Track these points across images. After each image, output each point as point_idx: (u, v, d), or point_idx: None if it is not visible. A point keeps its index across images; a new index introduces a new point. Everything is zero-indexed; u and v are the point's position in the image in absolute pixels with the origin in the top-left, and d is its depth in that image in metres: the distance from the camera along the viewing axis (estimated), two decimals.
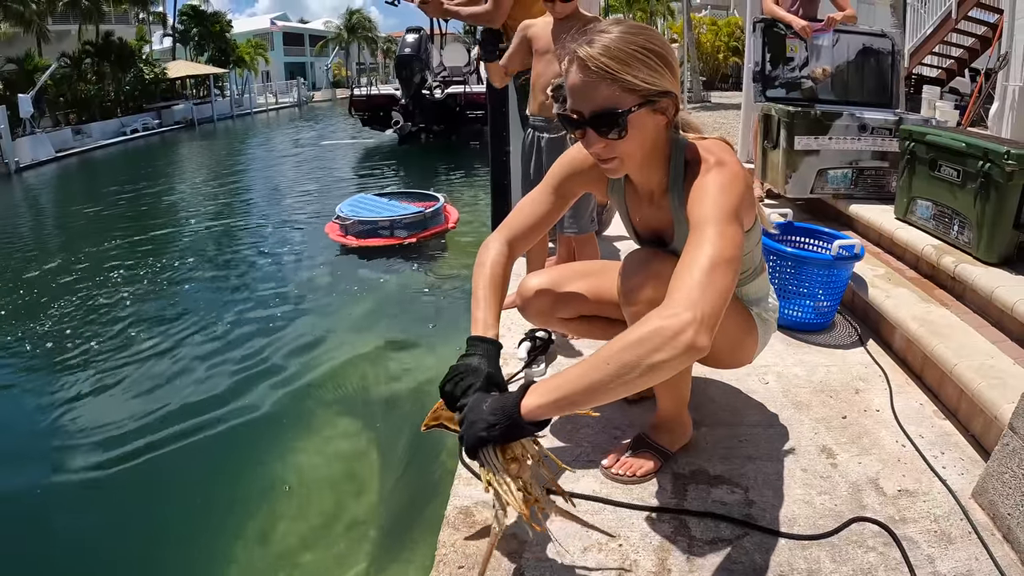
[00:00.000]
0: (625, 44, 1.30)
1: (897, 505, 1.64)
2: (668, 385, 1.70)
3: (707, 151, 1.42)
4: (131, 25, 31.65)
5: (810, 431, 1.96)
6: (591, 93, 1.32)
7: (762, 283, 1.76)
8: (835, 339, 2.65)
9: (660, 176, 1.50)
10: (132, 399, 4.50)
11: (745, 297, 1.72)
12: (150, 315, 6.26)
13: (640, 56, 1.31)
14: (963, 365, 2.10)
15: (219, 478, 3.61)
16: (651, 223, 1.63)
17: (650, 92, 1.32)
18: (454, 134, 18.38)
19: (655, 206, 1.57)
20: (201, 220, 10.85)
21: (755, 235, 1.62)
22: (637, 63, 1.30)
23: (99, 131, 24.11)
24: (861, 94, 4.43)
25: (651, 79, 1.32)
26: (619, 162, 1.40)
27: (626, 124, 1.33)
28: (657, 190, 1.54)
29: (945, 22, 9.96)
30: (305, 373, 4.73)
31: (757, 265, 1.70)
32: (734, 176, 1.36)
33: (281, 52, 49.43)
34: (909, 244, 3.17)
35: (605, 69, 1.29)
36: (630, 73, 1.30)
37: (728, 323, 1.62)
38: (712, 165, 1.38)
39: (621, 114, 1.31)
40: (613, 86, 1.30)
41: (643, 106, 1.33)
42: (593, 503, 1.62)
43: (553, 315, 1.81)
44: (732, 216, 1.30)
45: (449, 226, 8.45)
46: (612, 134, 1.34)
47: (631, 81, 1.30)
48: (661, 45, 1.34)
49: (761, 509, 1.61)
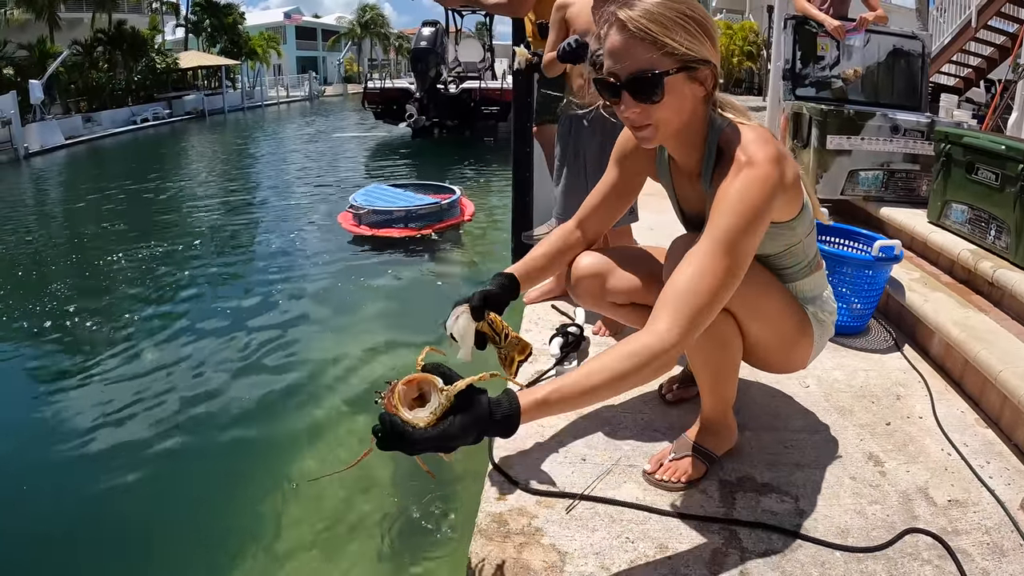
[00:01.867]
0: (666, 8, 1.28)
1: (948, 516, 1.59)
2: (712, 386, 1.64)
3: (743, 143, 1.36)
4: (144, 15, 31.70)
5: (855, 438, 1.89)
6: (629, 55, 1.29)
7: (819, 280, 1.66)
8: (871, 343, 2.59)
9: (697, 156, 1.46)
10: (134, 393, 4.42)
11: (800, 295, 1.63)
12: (154, 306, 6.20)
13: (680, 21, 1.29)
14: (1008, 371, 2.04)
15: (226, 477, 3.54)
16: (693, 205, 1.59)
17: (688, 58, 1.30)
18: (468, 129, 18.32)
19: (693, 188, 1.54)
20: (210, 209, 10.80)
21: (803, 225, 1.51)
22: (677, 27, 1.28)
23: (109, 119, 24.10)
24: (890, 95, 4.36)
25: (690, 44, 1.29)
26: (653, 130, 1.36)
27: (663, 87, 1.30)
28: (694, 171, 1.50)
29: (964, 31, 9.87)
30: (314, 368, 4.65)
31: (811, 259, 1.61)
32: (759, 180, 1.30)
33: (293, 46, 49.48)
34: (944, 248, 3.10)
35: (645, 30, 1.27)
36: (669, 36, 1.28)
37: (782, 322, 1.57)
38: (742, 164, 1.32)
39: (658, 76, 1.29)
40: (651, 48, 1.28)
41: (681, 71, 1.30)
42: (637, 511, 1.55)
43: (603, 299, 1.76)
44: (746, 228, 1.28)
45: (465, 219, 8.35)
46: (648, 98, 1.31)
47: (670, 44, 1.28)
48: (703, 14, 1.32)
49: (813, 519, 1.54)
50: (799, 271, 1.60)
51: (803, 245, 1.56)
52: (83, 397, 4.42)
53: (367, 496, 3.20)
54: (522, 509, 1.56)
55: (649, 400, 2.03)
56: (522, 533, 1.48)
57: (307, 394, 4.30)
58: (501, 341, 1.56)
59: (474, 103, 17.58)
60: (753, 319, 1.54)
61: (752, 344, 1.59)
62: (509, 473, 1.67)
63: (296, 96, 40.46)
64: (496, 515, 1.55)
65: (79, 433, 3.95)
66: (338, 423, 3.94)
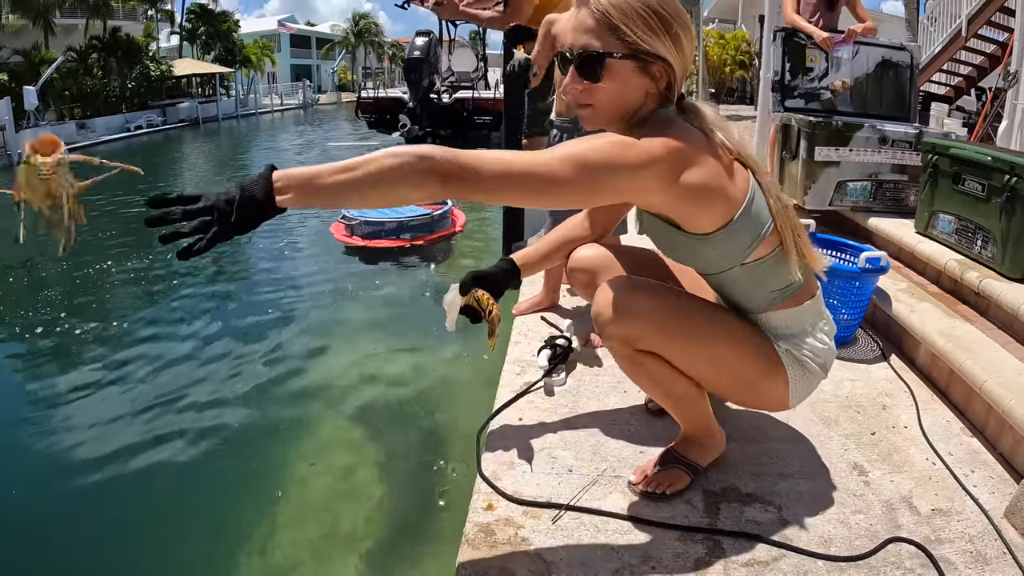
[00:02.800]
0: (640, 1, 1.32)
1: (932, 525, 1.61)
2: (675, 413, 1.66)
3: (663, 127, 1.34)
4: (139, 22, 31.63)
5: (840, 448, 1.91)
6: (583, 32, 1.34)
7: (797, 316, 1.55)
8: (858, 353, 2.61)
9: None
10: (125, 403, 4.39)
11: (769, 328, 1.56)
12: (145, 314, 6.18)
13: (643, 13, 1.32)
14: (993, 381, 2.05)
15: (217, 486, 3.53)
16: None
17: (639, 48, 1.33)
18: (461, 139, 18.30)
19: None
20: None
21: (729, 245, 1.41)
22: (637, 18, 1.32)
23: (103, 126, 24.05)
24: (879, 106, 4.39)
25: (645, 36, 1.32)
26: (592, 110, 1.39)
27: (603, 68, 1.33)
28: None
29: (955, 40, 9.96)
30: (305, 378, 4.65)
31: (779, 291, 1.50)
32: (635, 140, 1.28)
33: (287, 54, 49.52)
34: (931, 258, 3.13)
35: (604, 13, 1.32)
36: (625, 23, 1.31)
37: (734, 361, 1.53)
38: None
39: (600, 55, 1.33)
40: (605, 31, 1.32)
41: (628, 59, 1.33)
42: (622, 521, 1.56)
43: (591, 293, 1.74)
44: (587, 152, 1.24)
45: (456, 230, 8.38)
46: (588, 76, 1.35)
47: (622, 30, 1.31)
48: (672, 12, 1.34)
49: (796, 529, 1.56)
50: (759, 303, 1.53)
51: (749, 272, 1.46)
52: (71, 405, 4.40)
53: (356, 505, 3.20)
54: (509, 519, 1.57)
55: (635, 411, 2.05)
56: (509, 543, 1.49)
57: (298, 402, 4.30)
58: (485, 316, 1.66)
59: (467, 113, 17.59)
60: (687, 360, 1.52)
61: (703, 382, 1.57)
62: (496, 484, 1.68)
63: (290, 104, 40.48)
64: (483, 525, 1.56)
65: (67, 441, 3.93)
66: (330, 430, 3.95)
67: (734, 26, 26.62)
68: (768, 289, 1.50)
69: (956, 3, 9.83)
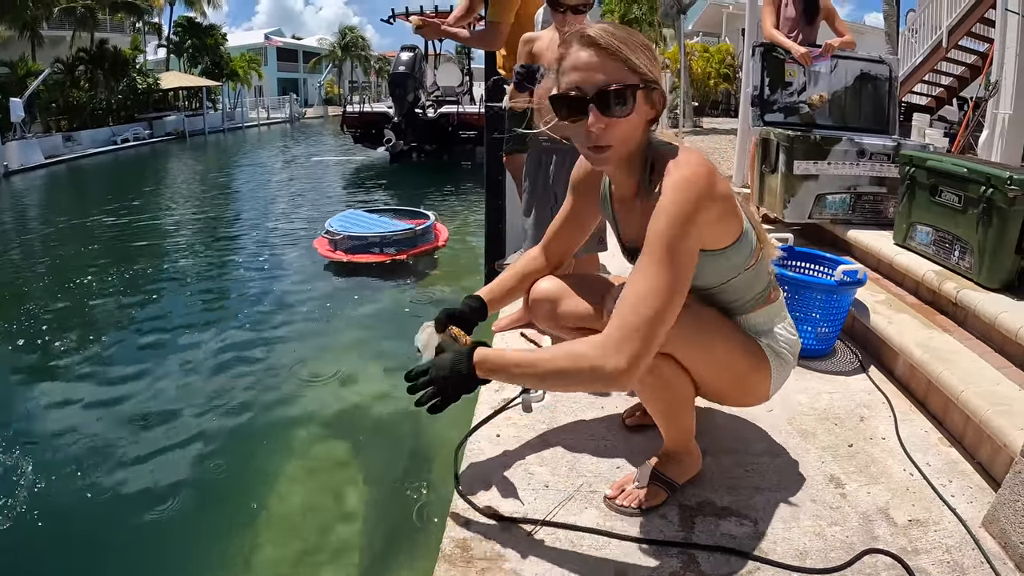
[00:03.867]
0: (626, 33, 1.38)
1: (908, 535, 1.61)
2: (665, 421, 1.66)
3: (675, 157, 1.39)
4: (126, 34, 31.49)
5: (817, 460, 1.91)
6: (600, 68, 1.34)
7: (771, 312, 1.66)
8: (837, 366, 2.62)
9: (636, 178, 1.50)
10: (104, 420, 4.34)
11: (752, 328, 1.64)
12: (128, 331, 6.14)
13: (640, 45, 1.38)
14: (970, 391, 2.08)
15: (200, 503, 3.50)
16: (634, 233, 1.58)
17: (648, 78, 1.37)
18: (446, 154, 18.28)
19: (632, 210, 1.56)
20: (187, 233, 10.73)
21: (739, 255, 1.51)
22: (640, 48, 1.37)
23: (89, 139, 23.92)
24: (858, 119, 4.43)
25: (649, 66, 1.38)
26: (612, 150, 1.39)
27: (633, 100, 1.35)
28: (632, 192, 1.53)
29: (936, 51, 10.09)
30: (285, 394, 4.62)
31: (760, 292, 1.61)
32: (685, 182, 1.34)
33: (274, 67, 49.48)
34: (909, 270, 3.15)
35: (614, 46, 1.34)
36: (634, 55, 1.35)
37: (732, 359, 1.59)
38: (671, 171, 1.36)
39: (629, 88, 1.34)
40: (620, 63, 1.35)
41: (643, 89, 1.37)
42: (598, 536, 1.56)
43: (557, 322, 1.80)
44: (680, 232, 1.31)
45: (439, 244, 8.38)
46: (617, 111, 1.35)
47: (635, 62, 1.35)
48: (650, 45, 1.42)
49: (771, 542, 1.56)
50: (745, 305, 1.61)
51: (745, 278, 1.56)
52: (53, 420, 4.36)
53: (334, 522, 3.19)
54: (485, 535, 1.57)
55: (612, 426, 2.04)
56: (485, 558, 1.49)
57: (277, 418, 4.28)
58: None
59: (452, 127, 17.57)
60: (698, 361, 1.56)
61: (703, 382, 1.62)
62: (473, 500, 1.67)
63: (277, 118, 40.40)
64: (460, 541, 1.55)
65: (43, 457, 3.88)
66: (309, 446, 3.92)
67: (718, 39, 26.88)
68: (756, 291, 1.60)
69: (937, 15, 9.99)
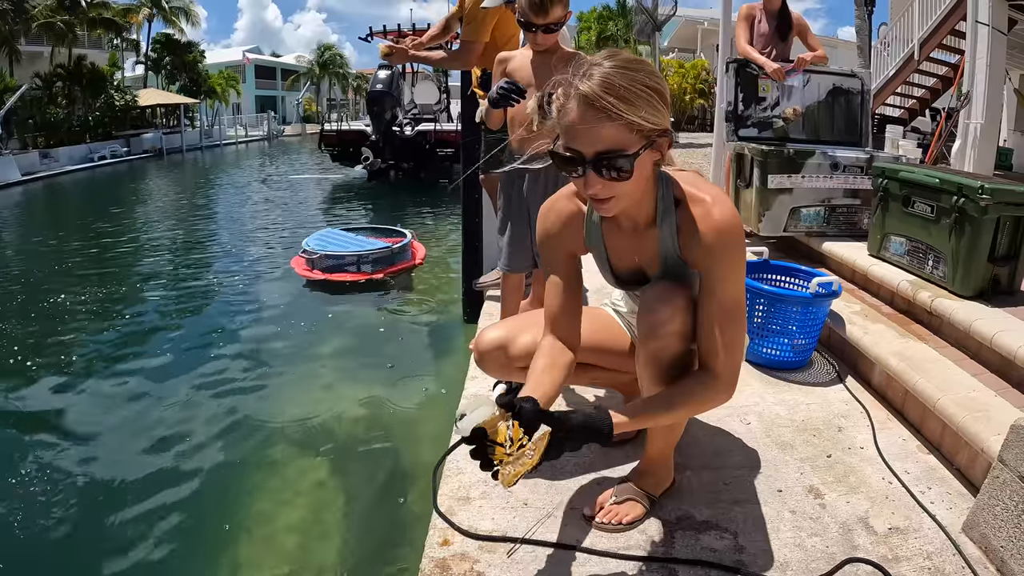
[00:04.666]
0: (629, 82, 1.23)
1: (889, 544, 1.61)
2: (668, 430, 1.65)
3: (693, 184, 1.42)
4: (104, 50, 31.23)
5: (796, 471, 1.92)
6: (595, 133, 1.24)
7: None
8: (814, 377, 2.64)
9: (648, 209, 1.46)
10: (79, 440, 4.27)
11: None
12: (103, 350, 6.05)
13: (644, 95, 1.25)
14: (946, 399, 2.09)
15: (178, 523, 3.44)
16: (633, 259, 1.57)
17: (653, 132, 1.28)
18: (423, 171, 18.24)
19: (639, 238, 1.52)
20: (164, 253, 10.62)
21: None
22: (642, 102, 1.24)
23: (66, 156, 23.62)
24: (831, 133, 4.48)
25: (654, 119, 1.26)
26: (616, 201, 1.33)
27: (632, 167, 1.27)
28: (643, 223, 1.49)
29: (908, 63, 10.27)
30: (263, 414, 4.54)
31: None
32: (735, 222, 1.39)
33: (253, 85, 49.35)
34: (884, 280, 3.18)
35: (612, 108, 1.22)
36: (636, 114, 1.23)
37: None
38: (711, 204, 1.38)
39: (628, 157, 1.26)
40: (619, 126, 1.24)
41: (647, 148, 1.28)
42: (578, 553, 1.54)
43: (511, 367, 1.74)
44: (741, 263, 1.42)
45: (416, 262, 8.36)
46: (616, 177, 1.27)
47: (637, 122, 1.24)
48: (660, 81, 1.29)
49: (752, 555, 1.55)
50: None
51: None
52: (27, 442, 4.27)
53: (311, 542, 3.14)
54: (464, 554, 1.55)
55: None
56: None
57: (255, 438, 4.21)
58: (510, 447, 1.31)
59: (429, 145, 17.52)
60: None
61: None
62: (452, 519, 1.65)
63: (255, 136, 40.21)
64: (439, 560, 1.53)
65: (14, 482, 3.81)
66: (286, 466, 3.87)
67: (693, 55, 27.19)
68: None
69: (908, 28, 10.17)
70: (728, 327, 1.40)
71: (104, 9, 28.68)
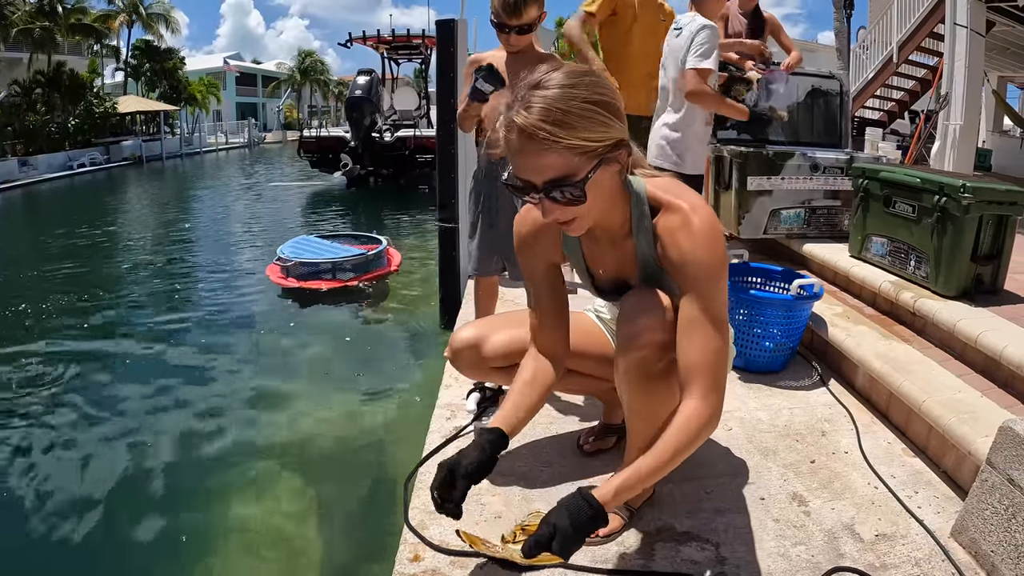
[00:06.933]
0: (566, 103, 1.17)
1: (876, 551, 1.58)
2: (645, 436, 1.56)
3: (669, 191, 1.37)
4: (84, 57, 30.90)
5: (779, 478, 1.87)
6: (539, 163, 1.20)
7: None
8: (796, 380, 2.60)
9: (622, 219, 1.40)
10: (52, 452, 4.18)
11: None
12: (75, 359, 5.93)
13: (588, 113, 1.19)
14: (932, 401, 2.06)
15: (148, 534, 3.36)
16: (612, 269, 1.53)
17: (603, 150, 1.22)
18: (403, 178, 18.11)
19: (616, 248, 1.47)
20: (141, 261, 10.47)
21: None
22: (585, 122, 1.18)
23: (45, 164, 23.30)
24: (811, 134, 4.46)
25: (602, 135, 1.21)
26: (580, 221, 1.29)
27: (584, 190, 1.22)
28: (619, 233, 1.44)
29: (886, 66, 10.33)
30: (233, 424, 4.45)
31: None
32: (714, 228, 1.32)
33: (233, 92, 48.98)
34: (866, 281, 3.15)
35: (552, 137, 1.16)
36: (579, 136, 1.18)
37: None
38: (689, 212, 1.32)
39: (578, 183, 1.21)
40: (562, 152, 1.18)
41: (598, 167, 1.22)
42: (554, 568, 1.48)
43: (484, 366, 1.73)
44: (723, 285, 1.33)
45: (392, 269, 8.31)
46: (570, 203, 1.23)
47: (582, 145, 1.19)
48: (605, 91, 1.23)
49: (734, 566, 1.50)
50: None
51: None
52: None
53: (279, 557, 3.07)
54: (436, 570, 1.48)
55: (567, 453, 1.98)
56: None
57: (231, 448, 4.13)
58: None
59: (408, 151, 17.40)
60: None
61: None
62: (423, 534, 1.59)
63: (235, 143, 39.89)
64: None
65: None
66: (262, 477, 3.79)
67: None
68: None
69: (887, 31, 10.24)
70: (711, 340, 1.31)
71: (83, 15, 28.42)
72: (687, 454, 1.31)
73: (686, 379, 1.32)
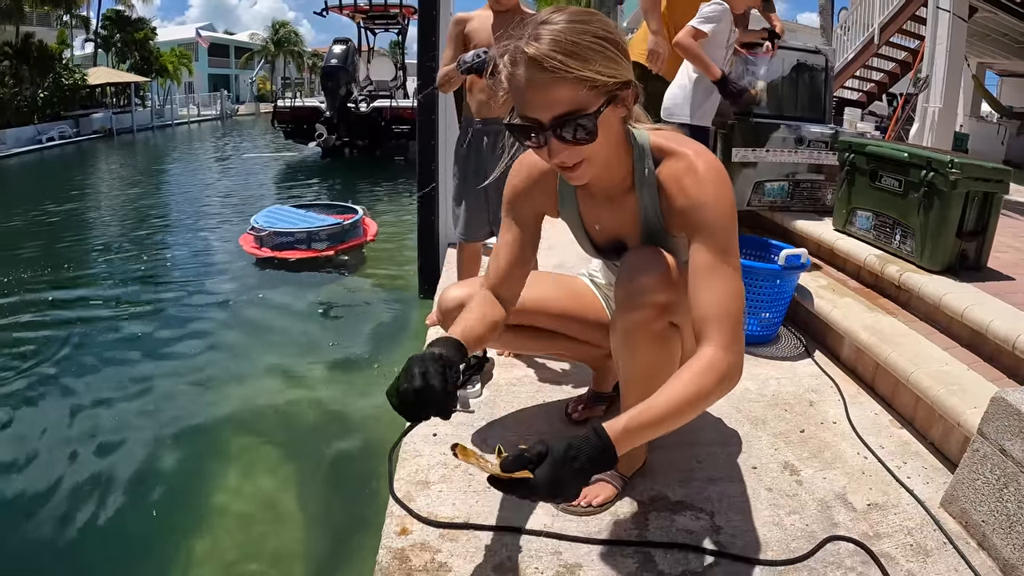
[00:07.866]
0: (578, 35, 1.13)
1: (869, 520, 1.57)
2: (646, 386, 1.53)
3: (673, 140, 1.32)
4: (53, 28, 30.16)
5: (770, 447, 1.85)
6: (549, 96, 1.14)
7: None
8: (782, 351, 2.59)
9: (623, 173, 1.35)
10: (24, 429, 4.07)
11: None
12: (45, 334, 5.79)
13: (597, 47, 1.14)
14: (919, 372, 2.06)
15: (129, 516, 3.28)
16: (611, 227, 1.47)
17: (614, 86, 1.17)
18: (378, 149, 17.93)
19: (616, 206, 1.42)
20: (112, 235, 10.24)
21: None
22: (595, 55, 1.14)
23: (13, 138, 22.69)
24: (795, 108, 4.43)
25: (612, 71, 1.16)
26: (586, 166, 1.23)
27: (596, 126, 1.17)
28: (619, 189, 1.39)
29: (867, 47, 10.34)
30: (214, 395, 4.38)
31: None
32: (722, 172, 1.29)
33: (205, 63, 48.02)
34: (851, 254, 3.14)
35: (563, 66, 1.12)
36: (591, 69, 1.13)
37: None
38: (694, 158, 1.28)
39: (589, 116, 1.16)
40: (574, 84, 1.13)
41: (609, 103, 1.18)
42: (547, 539, 1.44)
43: None
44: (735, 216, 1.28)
45: (368, 239, 8.21)
46: (580, 140, 1.18)
47: (593, 78, 1.14)
48: (614, 30, 1.20)
49: (730, 535, 1.48)
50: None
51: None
52: None
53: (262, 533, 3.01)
54: (425, 544, 1.44)
55: (555, 420, 1.95)
56: (425, 570, 1.37)
57: (208, 420, 4.04)
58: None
59: (384, 122, 17.16)
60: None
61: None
62: (410, 506, 1.55)
63: (208, 115, 39.14)
64: (397, 551, 1.43)
65: None
66: (240, 451, 3.72)
67: None
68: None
69: (869, 12, 10.22)
70: (730, 282, 1.22)
71: None
72: (701, 408, 1.18)
73: (703, 330, 1.21)
